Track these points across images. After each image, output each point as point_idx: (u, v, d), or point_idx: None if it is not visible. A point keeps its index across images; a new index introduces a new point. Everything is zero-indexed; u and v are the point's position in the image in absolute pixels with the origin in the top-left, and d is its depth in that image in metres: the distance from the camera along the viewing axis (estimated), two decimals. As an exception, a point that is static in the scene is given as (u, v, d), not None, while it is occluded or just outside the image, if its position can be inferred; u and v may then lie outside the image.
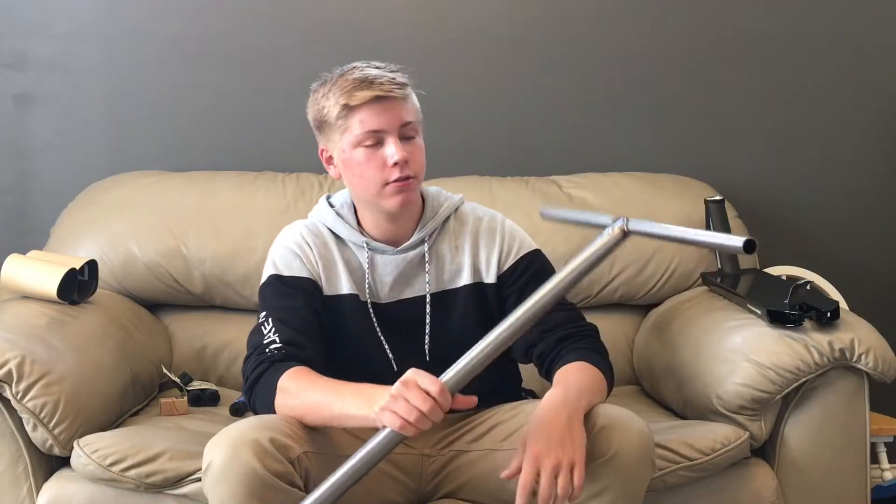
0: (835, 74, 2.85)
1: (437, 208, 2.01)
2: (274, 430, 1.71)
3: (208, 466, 1.69)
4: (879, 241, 2.92)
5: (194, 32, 2.78)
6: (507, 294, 1.99)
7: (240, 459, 1.66)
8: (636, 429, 1.73)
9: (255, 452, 1.66)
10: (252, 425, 1.72)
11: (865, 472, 2.16)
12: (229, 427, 1.74)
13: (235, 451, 1.67)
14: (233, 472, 1.66)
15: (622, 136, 2.85)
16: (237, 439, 1.68)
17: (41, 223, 2.72)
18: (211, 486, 1.69)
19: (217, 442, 1.71)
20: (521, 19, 2.81)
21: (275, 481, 1.67)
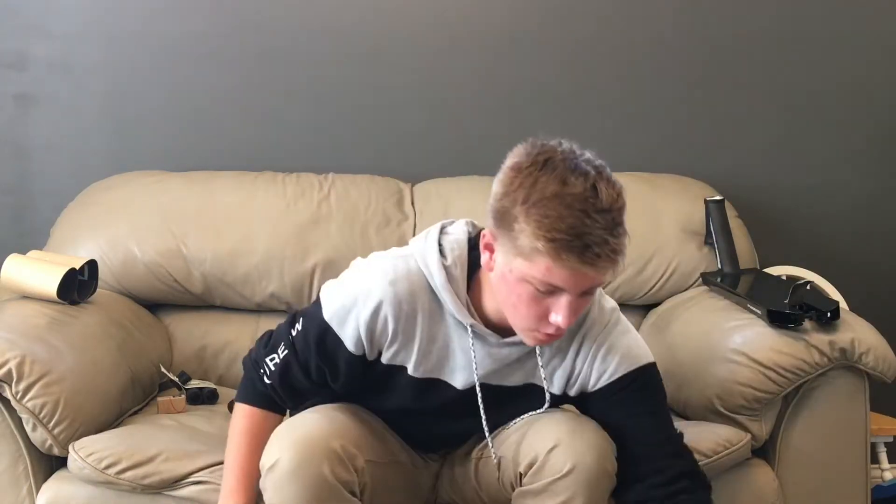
0: (835, 74, 2.85)
1: None
2: (345, 436, 1.69)
3: (275, 464, 1.65)
4: (879, 241, 2.91)
5: (194, 32, 2.77)
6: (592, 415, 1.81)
7: (312, 464, 1.64)
8: (591, 443, 1.70)
9: (328, 457, 1.65)
10: (323, 429, 1.68)
11: (865, 472, 2.16)
12: (296, 425, 1.70)
13: (309, 456, 1.64)
14: (302, 476, 1.64)
15: (622, 136, 2.84)
16: (311, 442, 1.65)
17: (41, 223, 2.71)
18: (275, 485, 1.66)
19: (284, 441, 1.67)
20: (521, 19, 2.81)
21: (340, 490, 1.66)
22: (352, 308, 1.71)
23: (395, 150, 2.82)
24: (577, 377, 1.78)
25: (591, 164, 1.58)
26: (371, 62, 2.79)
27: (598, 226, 1.52)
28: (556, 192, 1.54)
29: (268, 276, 2.52)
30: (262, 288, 2.53)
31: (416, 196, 2.67)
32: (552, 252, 1.52)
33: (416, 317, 1.72)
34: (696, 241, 2.59)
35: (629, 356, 1.77)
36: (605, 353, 1.76)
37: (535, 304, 1.59)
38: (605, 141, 2.82)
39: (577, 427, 1.73)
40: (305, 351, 1.77)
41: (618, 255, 1.54)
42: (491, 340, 1.74)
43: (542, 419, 1.77)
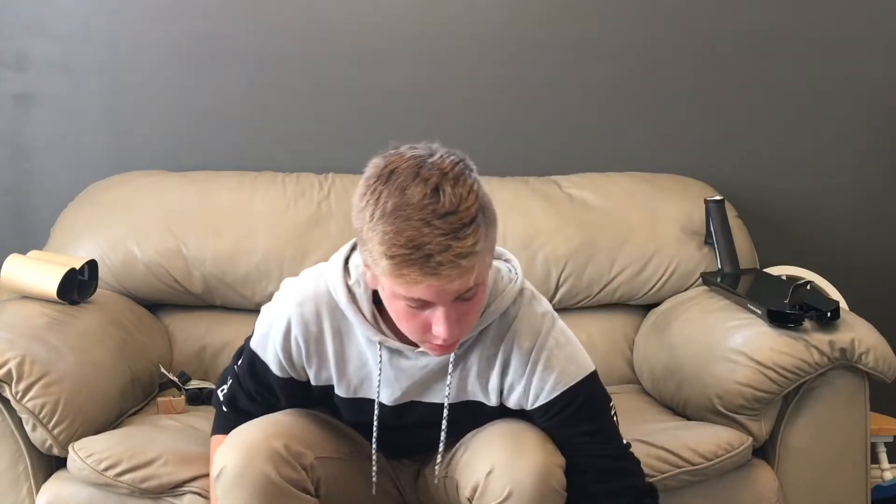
0: (835, 74, 2.85)
1: (482, 311, 1.67)
2: (288, 436, 1.70)
3: (221, 472, 1.67)
4: (879, 241, 2.91)
5: (195, 33, 2.77)
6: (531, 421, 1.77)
7: (254, 466, 1.64)
8: (528, 464, 1.65)
9: (271, 459, 1.65)
10: (266, 431, 1.70)
11: (865, 472, 2.16)
12: (241, 430, 1.72)
13: (250, 458, 1.65)
14: (247, 478, 1.64)
15: (622, 136, 2.84)
16: (251, 445, 1.66)
17: (41, 223, 2.71)
18: (224, 492, 1.67)
19: (230, 447, 1.68)
20: (521, 19, 2.81)
21: (289, 489, 1.66)
22: (268, 333, 1.76)
23: (395, 150, 2.82)
24: (510, 390, 1.73)
25: (436, 167, 1.50)
26: (371, 62, 2.79)
27: (438, 233, 1.45)
28: (396, 205, 1.48)
29: (268, 276, 2.52)
30: (262, 288, 2.53)
31: (416, 196, 2.66)
32: (394, 269, 1.47)
33: (324, 337, 1.72)
34: (696, 241, 2.59)
35: (566, 373, 1.70)
36: (541, 371, 1.70)
37: (414, 318, 1.55)
38: (605, 141, 2.85)
39: (516, 447, 1.68)
40: (245, 379, 1.83)
41: (464, 259, 1.46)
42: (407, 353, 1.70)
43: (482, 438, 1.73)
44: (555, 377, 1.70)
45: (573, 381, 1.71)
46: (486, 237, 1.51)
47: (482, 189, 1.53)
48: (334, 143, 2.81)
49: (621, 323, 2.62)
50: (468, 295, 1.53)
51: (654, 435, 2.06)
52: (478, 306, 1.59)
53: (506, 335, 1.70)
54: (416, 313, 1.55)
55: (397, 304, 1.56)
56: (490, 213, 1.53)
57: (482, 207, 1.51)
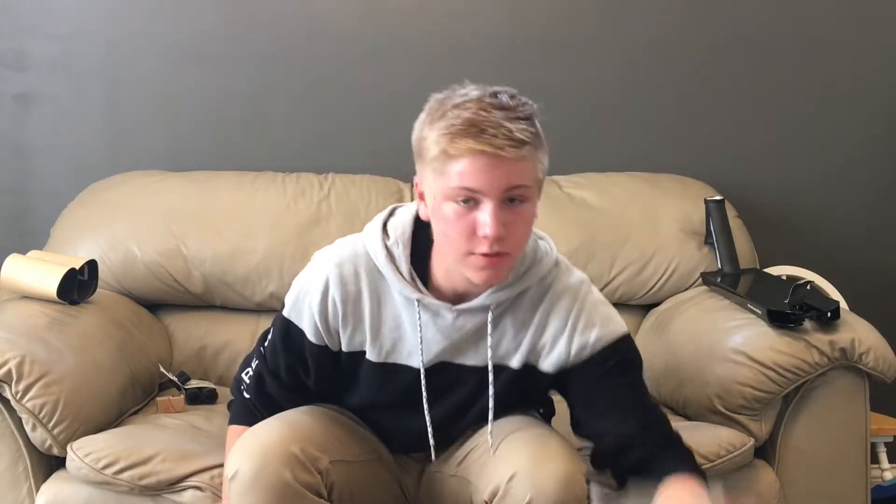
0: (835, 74, 2.85)
1: (523, 273, 1.73)
2: (304, 439, 1.68)
3: (236, 474, 1.65)
4: (879, 241, 2.91)
5: (195, 33, 2.78)
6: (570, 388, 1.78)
7: (270, 470, 1.63)
8: (552, 470, 1.63)
9: (287, 462, 1.64)
10: (282, 434, 1.68)
11: (865, 472, 2.16)
12: (256, 432, 1.70)
13: (266, 462, 1.63)
14: (262, 482, 1.63)
15: (622, 136, 2.84)
16: (267, 448, 1.65)
17: (41, 223, 2.71)
18: (239, 495, 1.65)
19: (245, 450, 1.66)
20: (521, 19, 2.81)
21: (304, 493, 1.65)
22: (304, 297, 1.76)
23: (395, 150, 2.80)
24: (548, 351, 1.75)
25: (493, 85, 1.62)
26: (371, 62, 2.79)
27: (495, 116, 1.55)
28: (455, 104, 1.58)
29: (268, 276, 2.52)
30: (262, 288, 2.53)
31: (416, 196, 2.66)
32: (445, 141, 1.56)
33: (362, 298, 1.74)
34: (696, 241, 2.59)
35: (608, 328, 1.75)
36: (583, 326, 1.74)
37: (463, 220, 1.59)
38: (605, 141, 2.85)
39: (540, 452, 1.66)
40: (274, 354, 1.81)
41: (516, 140, 1.54)
42: (444, 313, 1.73)
43: (501, 442, 1.73)
44: (597, 331, 1.74)
45: (615, 336, 1.75)
46: (537, 147, 1.59)
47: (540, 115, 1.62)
48: (334, 143, 2.81)
49: (621, 323, 2.62)
50: (516, 193, 1.58)
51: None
52: (524, 225, 1.62)
53: (544, 299, 1.75)
54: (465, 214, 1.58)
55: (448, 210, 1.59)
56: (543, 134, 1.62)
57: (538, 119, 1.61)
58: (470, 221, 1.59)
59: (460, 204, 1.58)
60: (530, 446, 1.69)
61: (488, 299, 1.72)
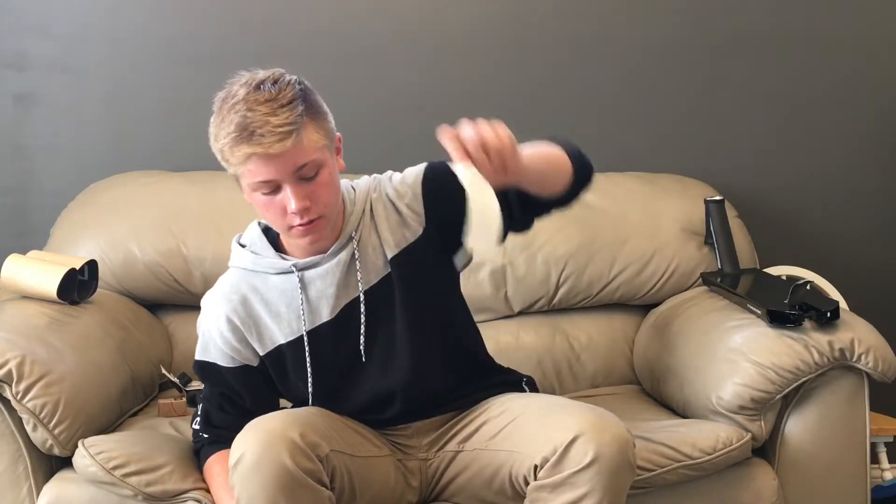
0: (835, 74, 2.85)
1: (353, 199, 1.91)
2: (305, 426, 1.72)
3: (239, 459, 1.69)
4: (879, 241, 2.92)
5: (195, 33, 2.78)
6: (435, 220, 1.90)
7: (272, 455, 1.66)
8: (613, 434, 1.70)
9: (288, 449, 1.67)
10: (285, 420, 1.72)
11: (865, 472, 2.16)
12: (260, 420, 1.74)
13: (268, 447, 1.67)
14: (265, 467, 1.66)
15: (622, 136, 2.85)
16: (270, 434, 1.68)
17: (41, 223, 2.71)
18: (241, 479, 1.69)
19: (249, 435, 1.70)
20: (520, 19, 2.81)
21: (305, 479, 1.68)
22: (207, 333, 1.93)
23: (394, 149, 2.82)
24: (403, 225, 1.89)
25: (259, 74, 1.79)
26: (371, 62, 2.79)
27: (259, 113, 1.70)
28: (228, 108, 1.74)
29: (268, 276, 2.52)
30: (262, 288, 2.53)
31: (416, 196, 2.67)
32: (231, 154, 1.72)
33: (250, 301, 1.89)
34: (696, 241, 2.59)
35: (411, 172, 1.93)
36: (398, 185, 1.91)
37: (273, 205, 1.76)
38: (605, 141, 2.85)
39: (600, 417, 1.73)
40: (210, 393, 1.95)
41: (281, 128, 1.68)
42: (318, 262, 1.86)
43: (553, 412, 1.79)
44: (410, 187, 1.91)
45: (419, 174, 1.92)
46: (310, 119, 1.74)
47: (306, 88, 1.78)
48: (334, 143, 2.81)
49: (621, 323, 2.62)
50: (306, 173, 1.74)
51: (654, 432, 2.06)
52: (326, 188, 1.77)
53: (382, 197, 1.91)
54: (271, 200, 1.75)
55: (258, 199, 1.77)
56: (315, 104, 1.78)
57: (303, 97, 1.75)
58: (278, 203, 1.75)
59: (265, 194, 1.75)
60: (589, 412, 1.75)
61: (345, 231, 1.87)
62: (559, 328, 2.59)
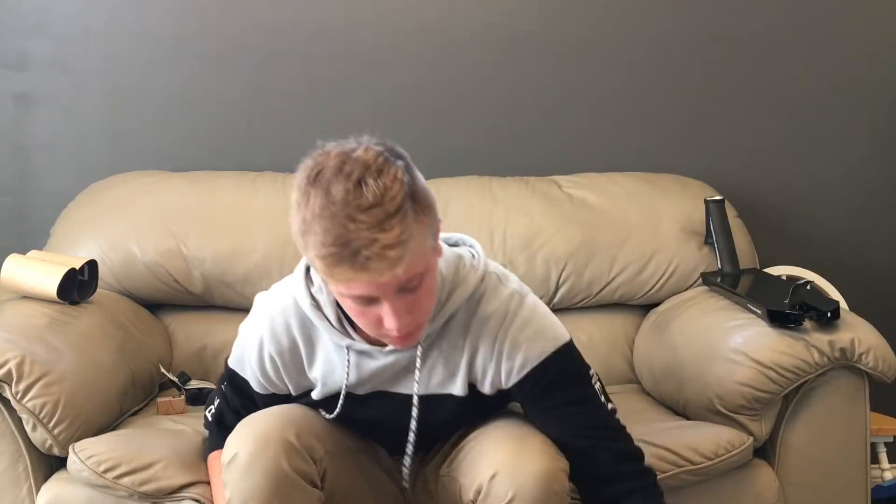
0: (835, 74, 2.85)
1: (445, 301, 1.69)
2: (301, 427, 1.70)
3: (233, 458, 1.67)
4: (879, 241, 2.91)
5: (195, 33, 2.77)
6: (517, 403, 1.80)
7: (267, 456, 1.65)
8: (532, 468, 1.65)
9: (284, 450, 1.66)
10: (280, 421, 1.70)
11: (865, 472, 2.16)
12: (255, 418, 1.72)
13: (263, 447, 1.65)
14: (258, 467, 1.65)
15: (622, 136, 2.84)
16: (265, 434, 1.67)
17: (41, 223, 2.71)
18: (234, 479, 1.67)
19: (243, 434, 1.69)
20: (521, 19, 2.81)
21: (298, 480, 1.67)
22: (243, 353, 1.80)
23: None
24: (483, 376, 1.73)
25: (359, 161, 1.50)
26: (371, 62, 2.79)
27: (363, 227, 1.46)
28: (322, 206, 1.49)
29: (268, 276, 2.52)
30: (262, 288, 2.47)
31: (416, 196, 2.66)
32: (327, 269, 1.50)
33: (298, 348, 1.76)
34: (696, 241, 2.59)
35: (535, 347, 1.70)
36: (509, 350, 1.70)
37: (365, 315, 1.57)
38: (605, 141, 2.85)
39: (519, 449, 1.67)
40: (231, 397, 1.86)
41: (391, 250, 1.46)
42: (375, 354, 1.71)
43: (485, 441, 1.74)
44: (523, 354, 1.70)
45: (543, 355, 1.70)
46: (419, 224, 1.50)
47: (410, 175, 1.52)
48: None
49: (621, 323, 2.62)
50: (410, 285, 1.53)
51: (656, 434, 2.06)
52: (427, 296, 1.58)
53: (472, 322, 1.71)
54: (365, 310, 1.56)
55: (346, 303, 1.58)
56: (422, 198, 1.52)
57: (410, 194, 1.50)
58: (373, 315, 1.57)
59: (356, 304, 1.56)
60: (509, 444, 1.69)
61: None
62: (559, 328, 2.59)
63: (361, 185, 1.48)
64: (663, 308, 2.54)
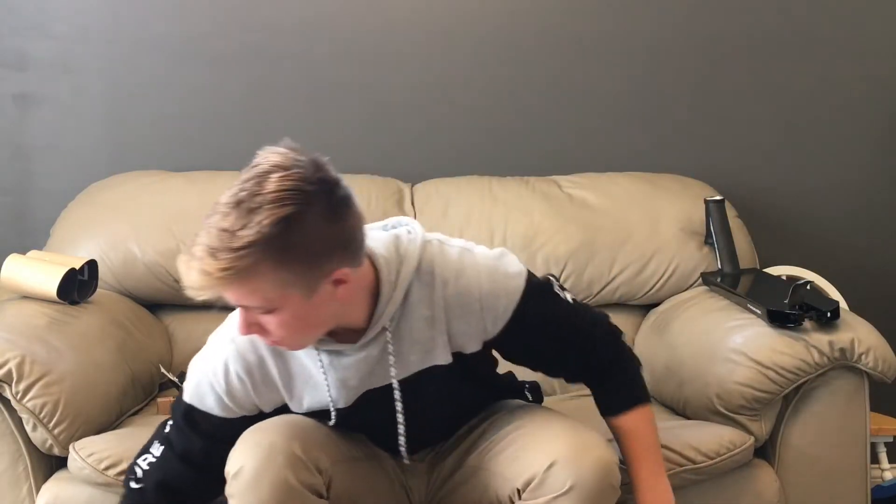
0: (835, 75, 2.85)
1: (396, 280, 1.65)
2: (305, 438, 1.68)
3: (239, 471, 1.64)
4: (879, 241, 2.91)
5: (195, 33, 2.77)
6: (504, 351, 1.79)
7: (273, 469, 1.63)
8: (593, 459, 1.66)
9: (290, 463, 1.64)
10: (285, 433, 1.67)
11: (865, 472, 2.16)
12: (259, 430, 1.69)
13: (269, 460, 1.63)
14: (265, 481, 1.63)
15: (622, 136, 2.84)
16: (271, 447, 1.64)
17: (41, 223, 2.71)
18: (240, 492, 1.65)
19: (248, 447, 1.66)
20: (521, 20, 2.81)
21: (304, 493, 1.65)
22: (203, 381, 1.72)
23: (395, 150, 2.82)
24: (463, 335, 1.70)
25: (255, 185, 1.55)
26: (371, 62, 2.79)
27: (202, 239, 1.51)
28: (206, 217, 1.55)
29: (268, 276, 2.52)
30: (262, 288, 2.53)
31: (416, 196, 2.67)
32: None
33: (265, 362, 1.70)
34: (696, 241, 2.59)
35: (510, 288, 1.69)
36: (483, 300, 1.67)
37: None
38: (605, 141, 2.85)
39: (579, 441, 1.68)
40: (182, 439, 1.75)
41: (206, 277, 1.47)
42: (346, 351, 1.68)
43: (536, 431, 1.74)
44: (500, 300, 1.68)
45: (519, 291, 1.69)
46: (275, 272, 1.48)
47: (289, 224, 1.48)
48: (334, 143, 2.80)
49: (621, 323, 2.58)
50: (249, 308, 1.53)
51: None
52: (280, 329, 1.55)
53: (434, 291, 1.67)
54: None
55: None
56: (297, 251, 1.49)
57: (270, 243, 1.47)
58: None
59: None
60: (568, 435, 1.70)
61: (378, 322, 1.65)
62: (559, 328, 2.59)
63: (234, 206, 1.51)
64: (663, 308, 2.54)
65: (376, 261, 1.64)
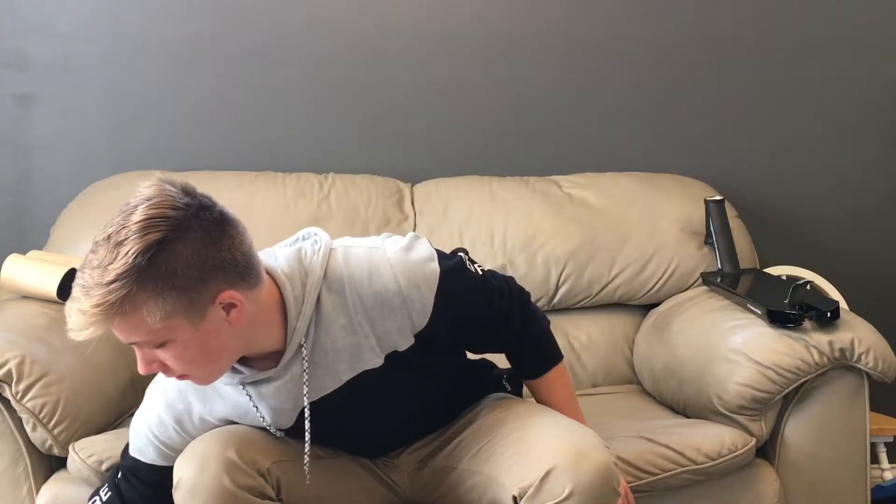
0: (835, 74, 2.85)
1: (301, 296, 1.62)
2: (242, 443, 1.68)
3: (178, 483, 1.66)
4: (879, 241, 2.92)
5: (195, 32, 2.77)
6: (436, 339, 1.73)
7: (208, 476, 1.63)
8: (592, 464, 1.63)
9: (225, 468, 1.64)
10: (219, 439, 1.68)
11: (865, 472, 2.16)
12: (197, 441, 1.70)
13: (203, 468, 1.64)
14: (202, 489, 1.64)
15: (622, 136, 2.85)
16: (204, 456, 1.65)
17: (41, 223, 2.71)
18: (181, 503, 1.66)
19: (185, 458, 1.68)
20: (521, 20, 2.81)
21: (245, 496, 1.65)
22: (140, 435, 1.76)
23: (395, 150, 2.82)
24: (396, 334, 1.67)
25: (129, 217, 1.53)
26: (371, 62, 2.79)
27: (79, 280, 1.49)
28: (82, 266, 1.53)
29: (268, 276, 2.52)
30: (262, 288, 2.53)
31: (416, 196, 2.67)
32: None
33: (192, 409, 1.73)
34: (696, 241, 2.59)
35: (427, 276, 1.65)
36: (402, 292, 1.63)
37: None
38: (605, 141, 2.85)
39: (578, 447, 1.65)
40: (129, 488, 1.79)
41: (82, 315, 1.47)
42: (269, 376, 1.66)
43: (534, 436, 1.71)
44: (419, 290, 1.64)
45: (434, 278, 1.66)
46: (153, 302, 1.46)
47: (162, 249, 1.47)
48: (334, 143, 2.81)
49: (621, 323, 2.62)
50: (140, 340, 1.51)
51: (658, 433, 2.06)
52: (178, 363, 1.53)
53: (347, 297, 1.64)
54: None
55: None
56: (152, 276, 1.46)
57: (138, 270, 1.45)
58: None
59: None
60: (565, 439, 1.67)
61: (293, 340, 1.62)
62: (559, 328, 2.59)
63: (103, 242, 1.50)
64: (663, 308, 2.54)
65: (277, 278, 1.61)
